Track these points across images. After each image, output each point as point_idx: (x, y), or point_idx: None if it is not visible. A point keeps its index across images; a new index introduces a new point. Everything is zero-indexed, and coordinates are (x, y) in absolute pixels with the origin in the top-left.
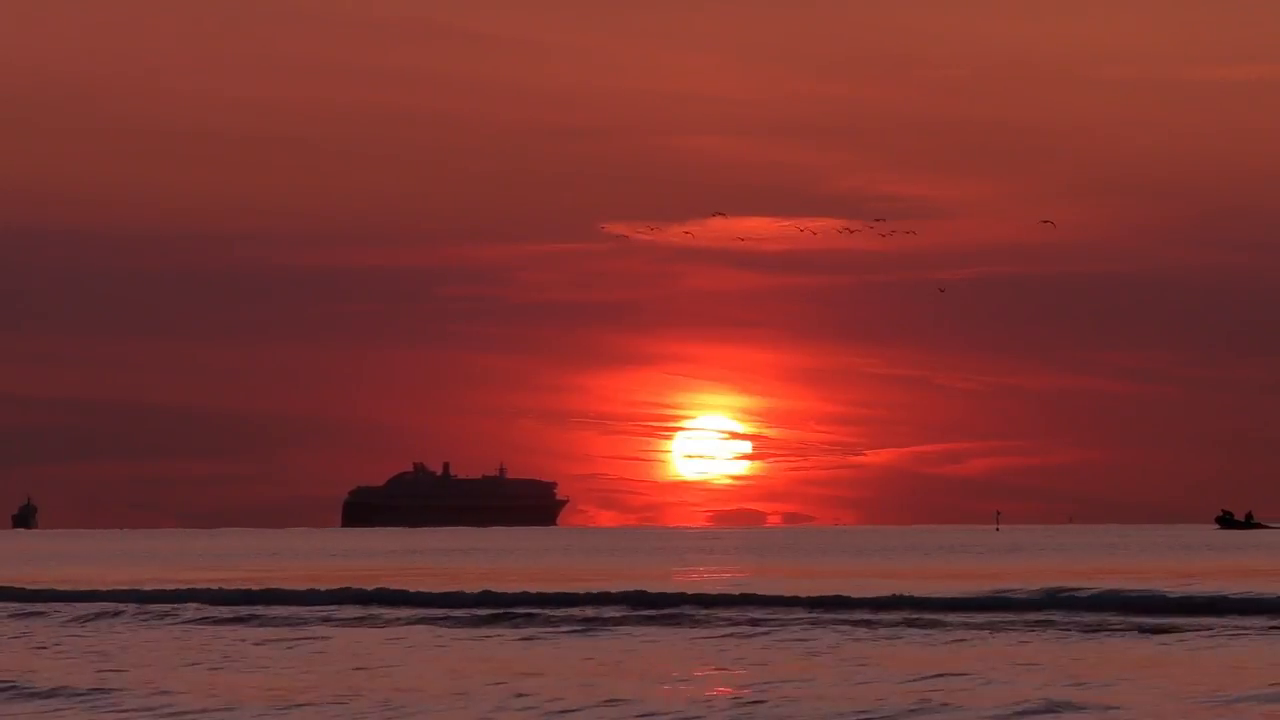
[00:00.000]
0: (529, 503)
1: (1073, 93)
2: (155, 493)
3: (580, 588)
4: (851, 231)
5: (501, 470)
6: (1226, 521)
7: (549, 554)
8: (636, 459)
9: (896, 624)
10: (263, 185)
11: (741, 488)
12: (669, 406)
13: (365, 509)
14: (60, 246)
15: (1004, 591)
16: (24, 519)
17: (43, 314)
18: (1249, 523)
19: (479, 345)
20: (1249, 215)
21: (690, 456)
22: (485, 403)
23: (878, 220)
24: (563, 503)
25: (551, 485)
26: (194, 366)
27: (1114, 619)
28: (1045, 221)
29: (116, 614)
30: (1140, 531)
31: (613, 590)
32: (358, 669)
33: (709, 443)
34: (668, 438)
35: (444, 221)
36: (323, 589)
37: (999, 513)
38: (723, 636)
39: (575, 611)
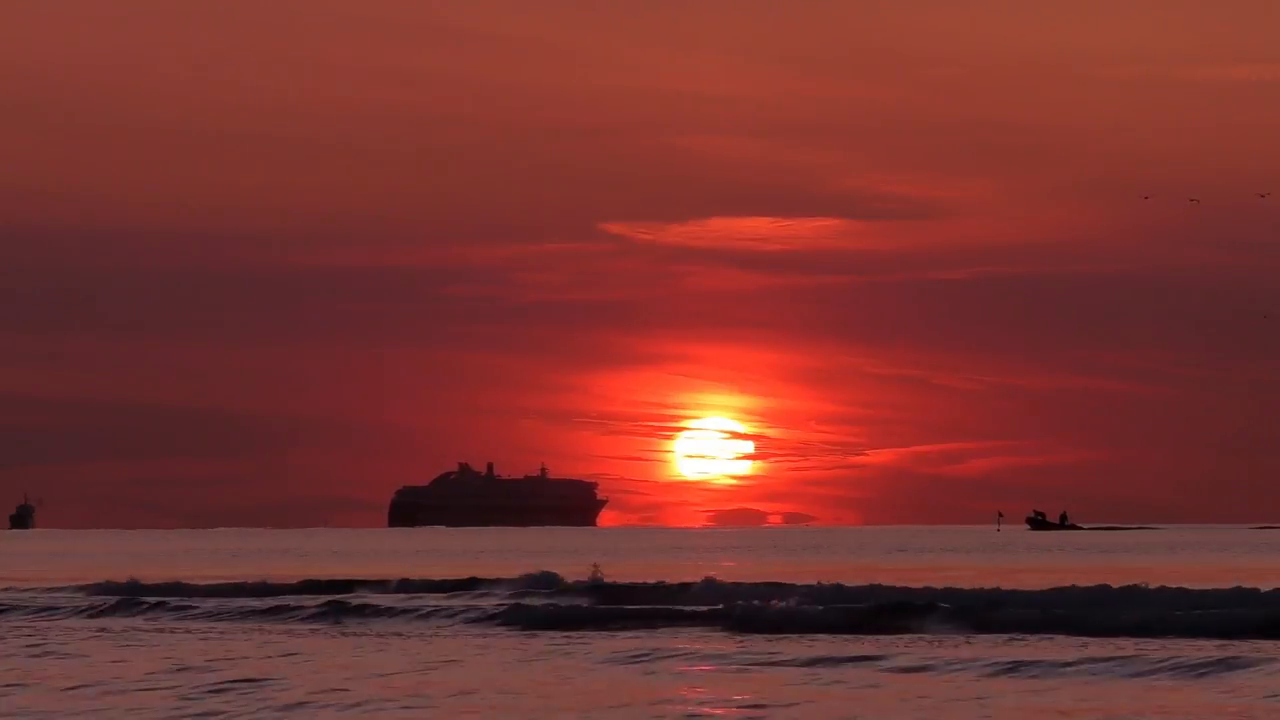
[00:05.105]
0: (570, 503)
1: (1073, 93)
2: (156, 493)
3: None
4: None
5: (543, 470)
6: (1037, 523)
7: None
8: (638, 459)
9: None
10: (262, 185)
11: (742, 488)
12: (670, 407)
13: (411, 508)
14: (60, 246)
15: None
16: (21, 519)
17: (43, 314)
18: (1063, 524)
19: (478, 345)
20: (1249, 215)
21: (691, 456)
22: (485, 403)
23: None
24: (602, 503)
25: (592, 485)
26: (194, 366)
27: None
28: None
29: None
30: (950, 532)
31: None
32: None
33: (710, 443)
34: (669, 438)
35: (444, 221)
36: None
37: (1000, 513)
38: None
39: None
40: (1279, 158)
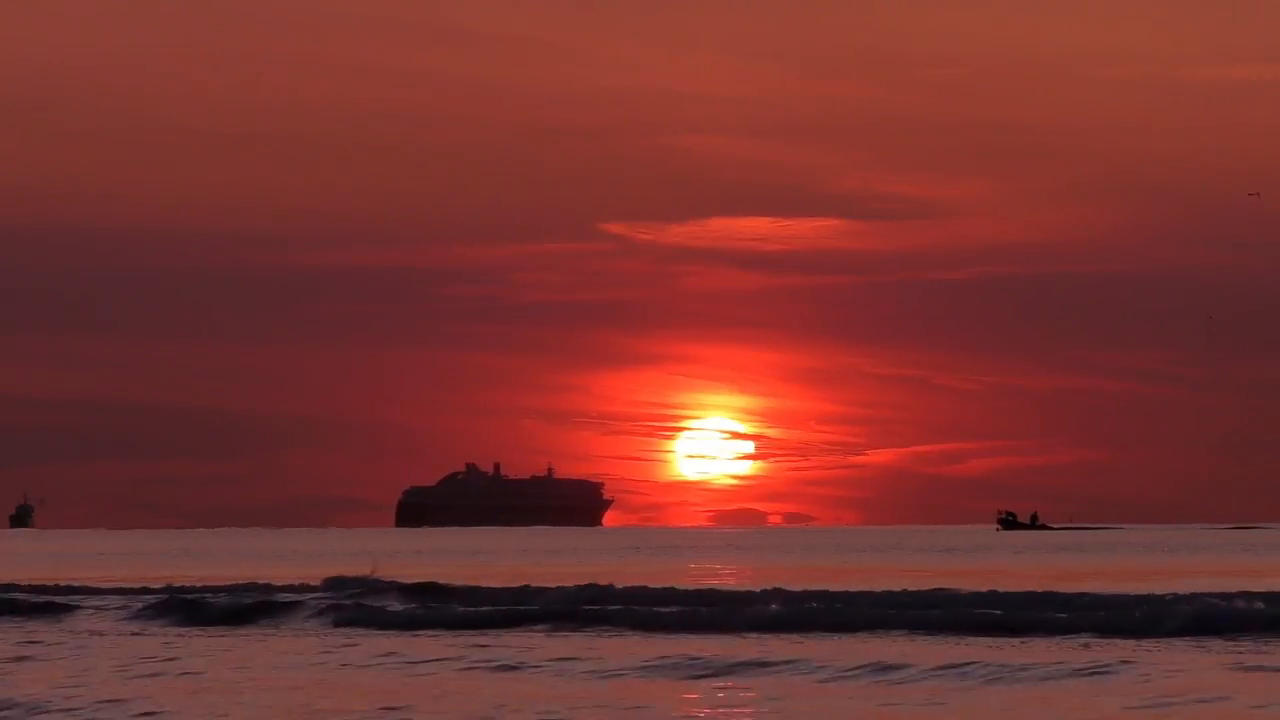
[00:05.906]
0: (576, 503)
1: (1073, 93)
2: (156, 493)
3: None
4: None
5: (550, 471)
6: (1008, 523)
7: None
8: (638, 459)
9: None
10: (263, 185)
11: (743, 488)
12: (670, 407)
13: (418, 509)
14: (60, 246)
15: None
16: (21, 518)
17: (43, 314)
18: (1033, 524)
19: (479, 345)
20: (1249, 215)
21: (692, 456)
22: (486, 403)
23: None
24: (608, 503)
25: (598, 485)
26: (194, 366)
27: None
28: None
29: None
30: (935, 533)
31: None
32: None
33: (710, 443)
34: (669, 438)
35: (444, 221)
36: None
37: (1000, 512)
38: None
39: None
40: (1279, 157)
